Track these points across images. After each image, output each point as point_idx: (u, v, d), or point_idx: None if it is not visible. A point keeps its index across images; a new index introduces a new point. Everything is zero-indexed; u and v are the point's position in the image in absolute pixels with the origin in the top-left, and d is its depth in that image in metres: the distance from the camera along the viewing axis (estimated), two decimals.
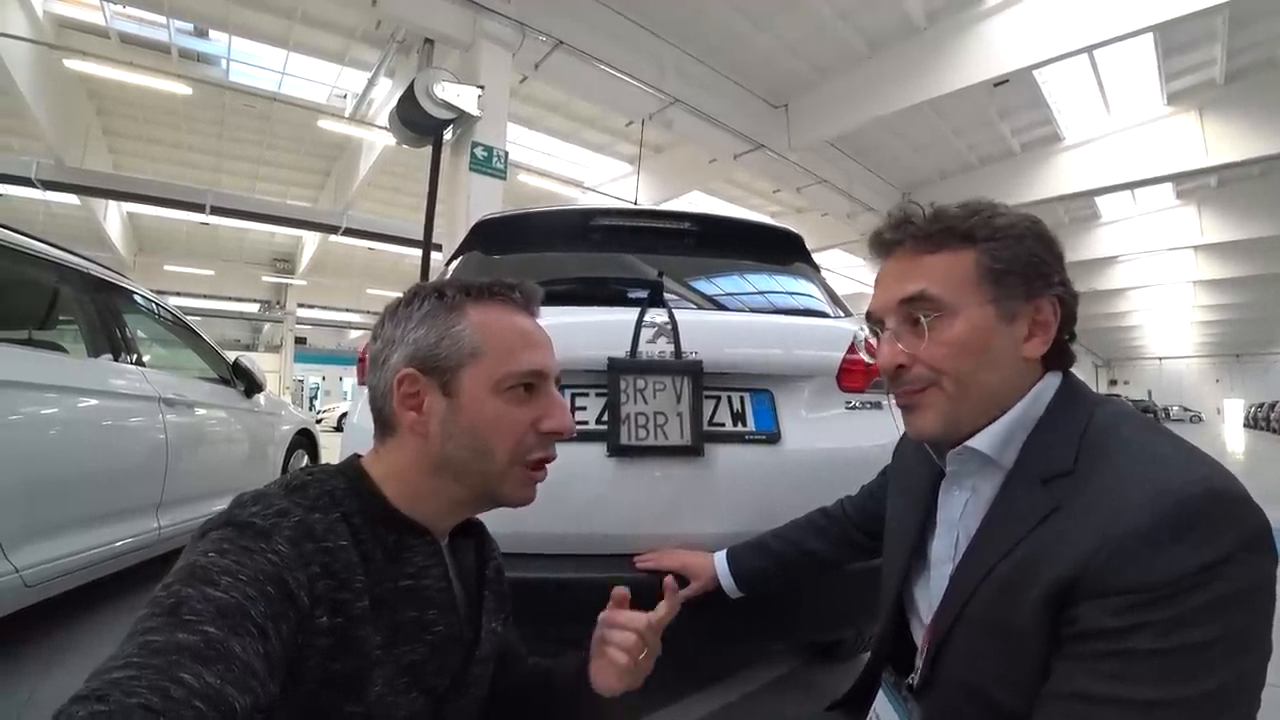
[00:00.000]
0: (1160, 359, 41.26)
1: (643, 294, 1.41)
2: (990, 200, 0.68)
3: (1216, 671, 0.48)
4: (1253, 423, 30.13)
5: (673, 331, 1.30)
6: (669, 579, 0.80)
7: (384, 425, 0.67)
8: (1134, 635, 0.49)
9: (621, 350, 1.28)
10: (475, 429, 0.64)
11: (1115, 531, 0.52)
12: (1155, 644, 0.49)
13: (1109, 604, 0.51)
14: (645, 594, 0.79)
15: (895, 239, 0.69)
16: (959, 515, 0.70)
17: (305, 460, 4.03)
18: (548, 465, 0.69)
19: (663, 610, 0.76)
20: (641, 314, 1.31)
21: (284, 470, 3.56)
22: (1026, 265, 0.64)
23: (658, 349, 1.30)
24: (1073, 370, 0.70)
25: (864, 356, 1.39)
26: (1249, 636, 0.49)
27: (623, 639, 0.73)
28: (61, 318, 2.23)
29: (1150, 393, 39.52)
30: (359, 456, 0.68)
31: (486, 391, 0.64)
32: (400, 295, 0.70)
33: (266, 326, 26.23)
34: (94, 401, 2.04)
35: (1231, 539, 0.49)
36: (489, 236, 1.72)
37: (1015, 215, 0.66)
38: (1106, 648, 0.51)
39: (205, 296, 22.36)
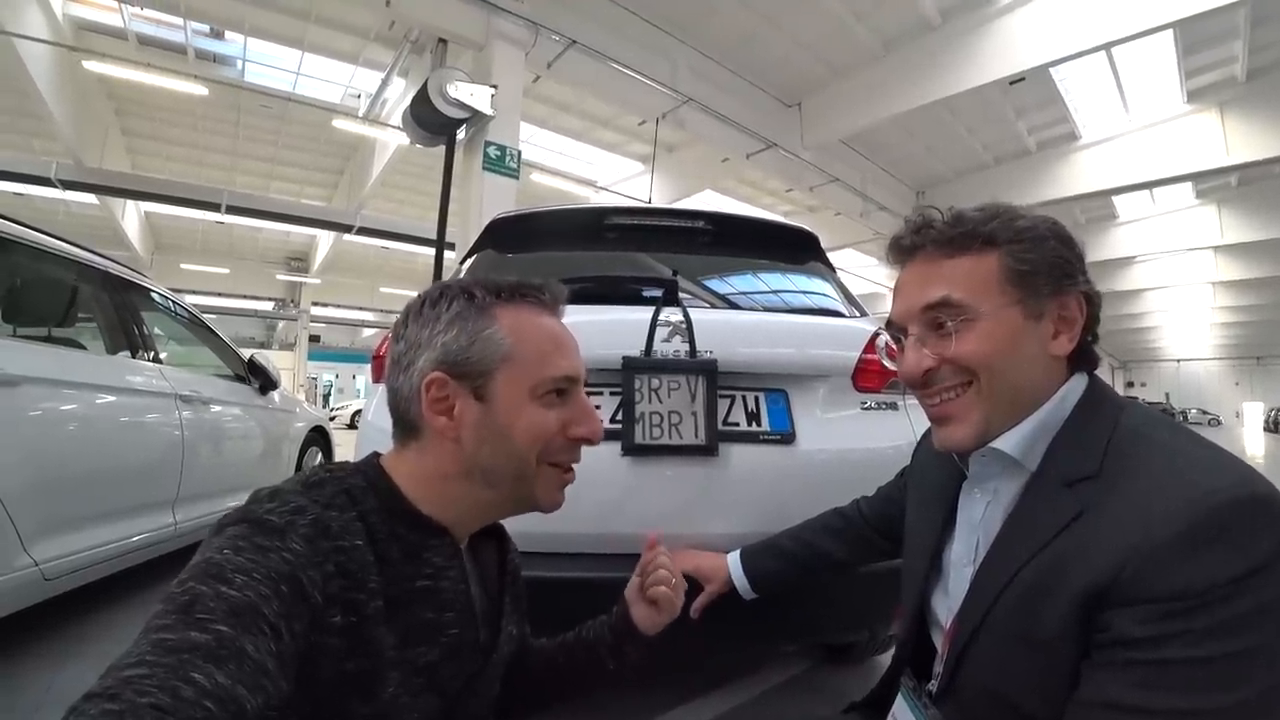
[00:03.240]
0: (1178, 361, 40.62)
1: (657, 293, 1.39)
2: (1007, 203, 0.67)
3: (1249, 682, 0.47)
4: (1273, 427, 29.66)
5: (688, 330, 1.29)
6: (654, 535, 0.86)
7: (408, 428, 0.65)
8: (1166, 644, 0.49)
9: (636, 349, 1.27)
10: (510, 435, 0.63)
11: (1148, 539, 0.51)
12: (1188, 653, 0.48)
13: (1141, 612, 0.50)
14: None
15: (915, 244, 0.68)
16: (980, 518, 0.70)
17: (320, 457, 4.06)
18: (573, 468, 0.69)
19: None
20: (656, 313, 1.30)
21: (298, 467, 3.59)
22: (1051, 266, 0.63)
23: (672, 348, 1.29)
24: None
25: (886, 363, 1.37)
26: None
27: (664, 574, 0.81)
28: (81, 315, 2.25)
29: (1168, 395, 39.02)
30: (379, 455, 0.67)
31: (522, 397, 0.63)
32: (419, 294, 0.68)
33: (281, 325, 26.46)
34: (112, 398, 2.06)
35: (1267, 546, 0.48)
36: (503, 235, 1.72)
37: (1035, 216, 0.66)
38: (1138, 656, 0.50)
39: (221, 295, 22.58)
